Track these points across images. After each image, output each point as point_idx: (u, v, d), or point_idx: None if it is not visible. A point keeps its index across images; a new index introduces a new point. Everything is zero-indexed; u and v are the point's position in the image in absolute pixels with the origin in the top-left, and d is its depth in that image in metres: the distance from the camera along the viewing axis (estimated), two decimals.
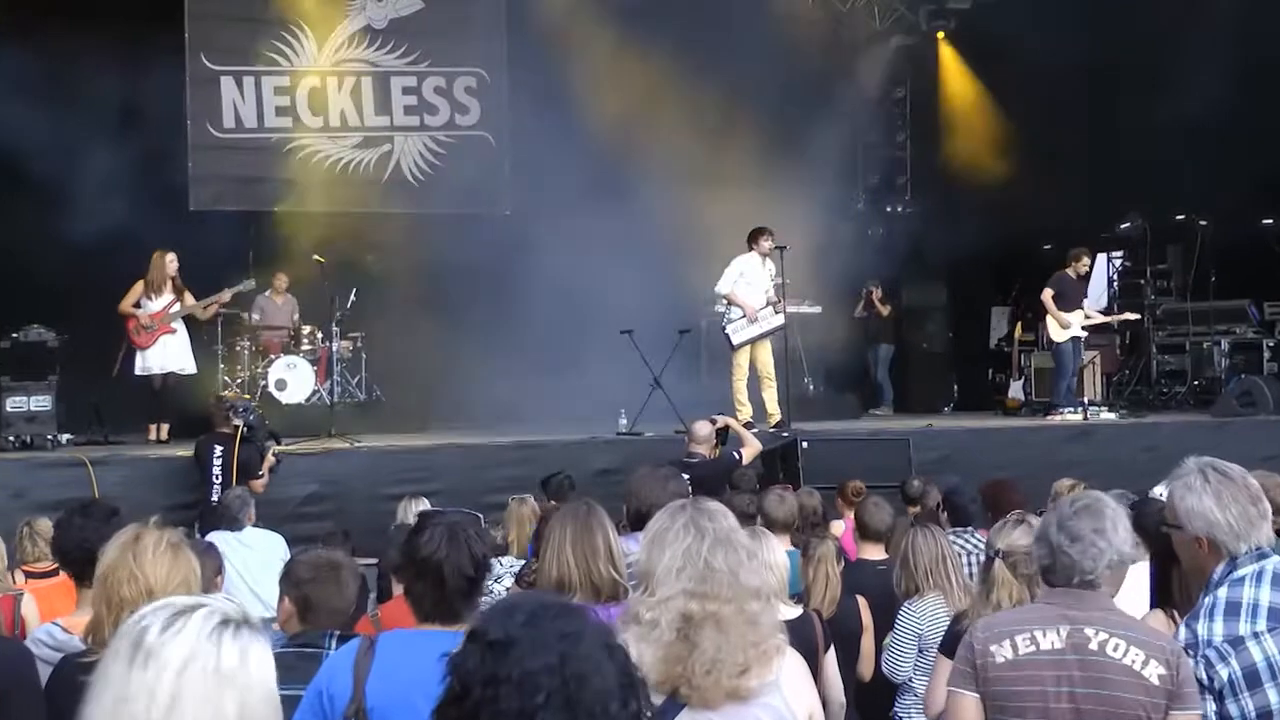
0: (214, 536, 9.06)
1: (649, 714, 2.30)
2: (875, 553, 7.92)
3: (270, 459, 11.93)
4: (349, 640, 4.03)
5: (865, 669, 7.01)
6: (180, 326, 14.12)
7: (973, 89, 20.30)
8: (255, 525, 9.41)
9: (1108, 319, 17.42)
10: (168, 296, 13.99)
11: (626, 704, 2.25)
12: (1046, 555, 4.00)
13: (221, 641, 2.24)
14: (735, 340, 14.47)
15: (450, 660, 2.27)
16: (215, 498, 11.34)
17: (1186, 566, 4.37)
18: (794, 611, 5.86)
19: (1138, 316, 18.28)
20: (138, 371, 13.96)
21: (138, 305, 13.92)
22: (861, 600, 7.04)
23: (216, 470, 11.51)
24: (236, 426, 11.40)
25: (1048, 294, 16.35)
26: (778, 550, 5.72)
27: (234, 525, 9.23)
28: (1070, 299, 16.35)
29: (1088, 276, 17.19)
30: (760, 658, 3.56)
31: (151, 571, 4.01)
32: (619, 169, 16.79)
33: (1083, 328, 16.38)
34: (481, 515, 6.95)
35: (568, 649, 2.22)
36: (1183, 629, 4.13)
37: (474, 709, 2.20)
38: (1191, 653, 4.00)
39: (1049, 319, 16.54)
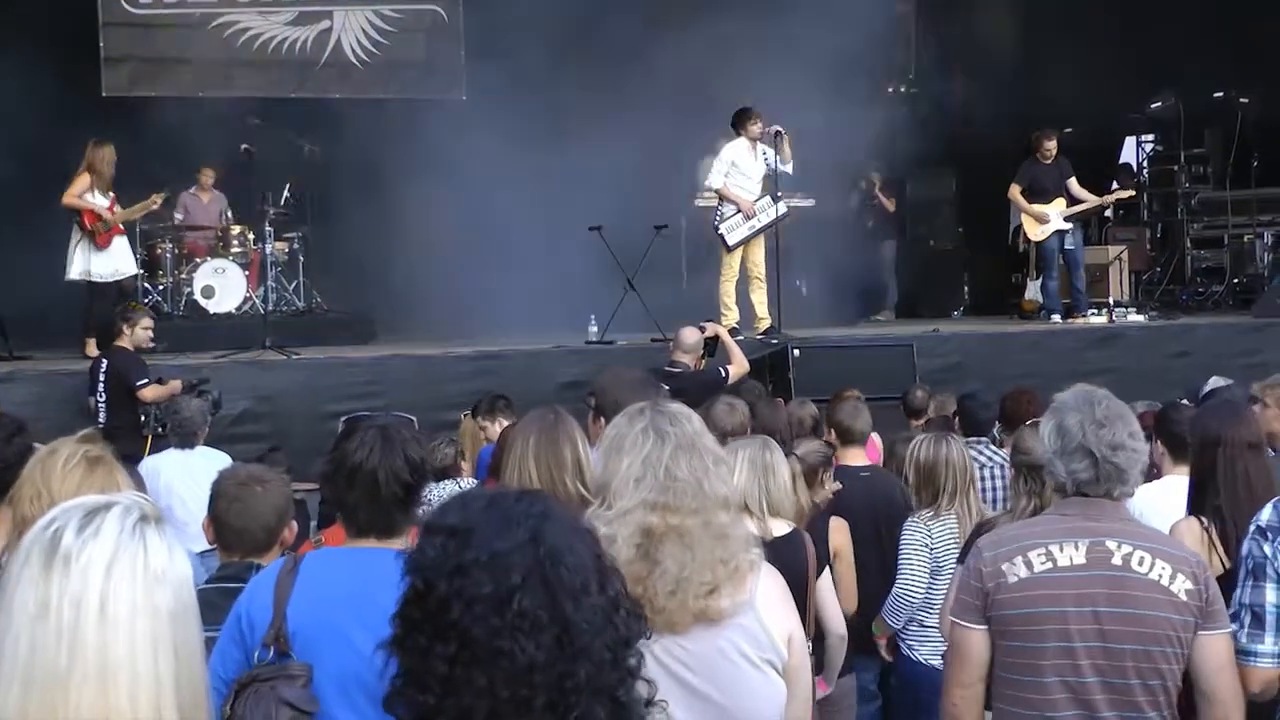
0: (162, 457, 9.09)
1: (628, 603, 2.32)
2: (856, 457, 7.81)
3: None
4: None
5: (847, 600, 6.70)
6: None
7: None
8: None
9: (1098, 201, 16.69)
10: (109, 196, 13.52)
11: (604, 588, 2.28)
12: (1088, 467, 3.96)
13: (146, 538, 2.26)
14: (731, 240, 14.37)
15: (407, 558, 2.28)
16: (103, 420, 11.24)
17: None
18: (783, 528, 5.78)
19: (1131, 193, 18.12)
20: (77, 275, 13.39)
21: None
22: (837, 521, 6.82)
23: (101, 387, 11.41)
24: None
25: (1015, 189, 16.26)
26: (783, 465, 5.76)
27: (188, 443, 9.19)
28: (1045, 189, 16.17)
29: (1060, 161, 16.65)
30: (731, 575, 3.57)
31: (58, 488, 3.95)
32: (586, 46, 16.62)
33: (1066, 218, 16.14)
34: (415, 419, 6.94)
35: (537, 526, 2.25)
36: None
37: (441, 604, 2.20)
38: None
39: (1024, 217, 16.46)
